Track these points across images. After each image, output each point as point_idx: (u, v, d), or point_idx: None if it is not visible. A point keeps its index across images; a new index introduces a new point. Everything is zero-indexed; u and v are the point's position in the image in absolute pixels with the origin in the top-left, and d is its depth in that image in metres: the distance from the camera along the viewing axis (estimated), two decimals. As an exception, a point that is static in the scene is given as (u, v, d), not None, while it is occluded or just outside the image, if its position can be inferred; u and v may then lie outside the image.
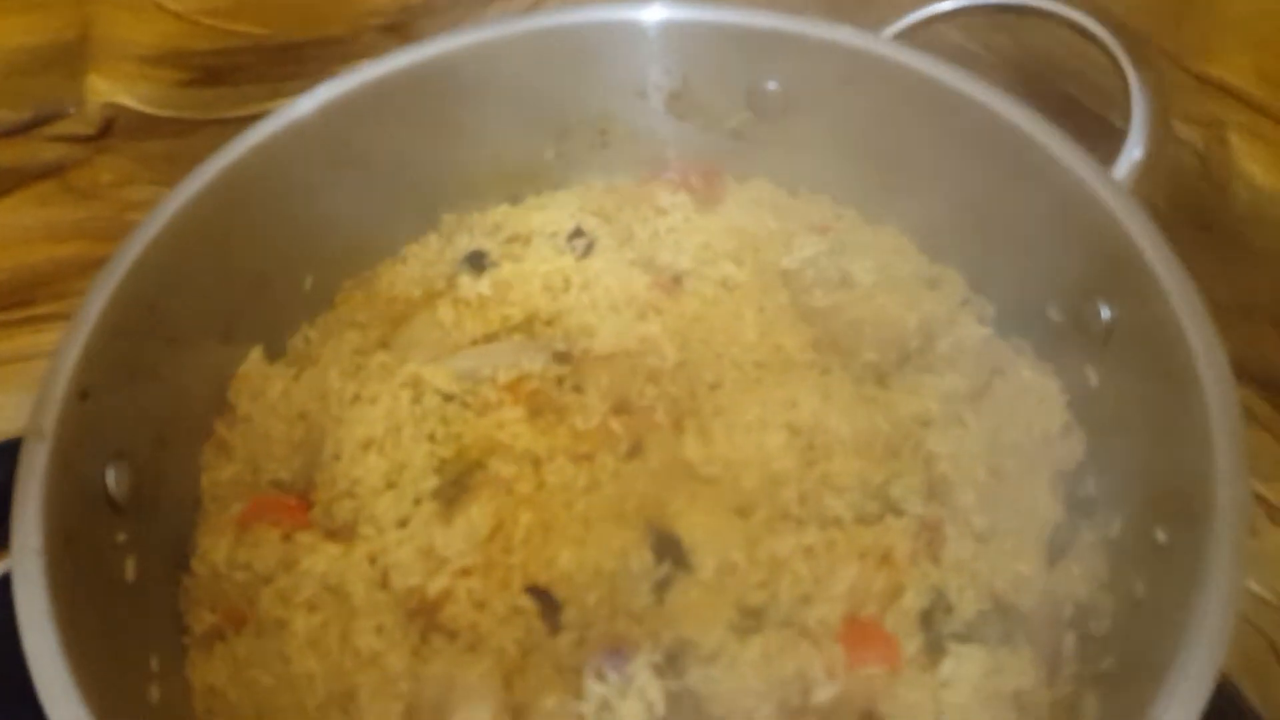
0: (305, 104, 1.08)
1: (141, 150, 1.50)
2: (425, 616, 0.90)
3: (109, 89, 1.40)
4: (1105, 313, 0.93)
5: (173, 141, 1.50)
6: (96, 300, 0.91)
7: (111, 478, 0.88)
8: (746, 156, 1.23)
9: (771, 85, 1.16)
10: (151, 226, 0.98)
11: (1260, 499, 1.12)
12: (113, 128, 1.50)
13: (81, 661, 0.72)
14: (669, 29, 1.16)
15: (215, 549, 0.96)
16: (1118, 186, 0.95)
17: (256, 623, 0.91)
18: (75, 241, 1.48)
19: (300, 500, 0.99)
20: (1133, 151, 1.02)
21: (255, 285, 1.08)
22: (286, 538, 0.95)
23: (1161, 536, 0.82)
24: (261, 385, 1.07)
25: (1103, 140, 1.04)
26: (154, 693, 0.82)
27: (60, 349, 0.88)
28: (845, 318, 1.06)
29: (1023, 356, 1.04)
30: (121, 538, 0.87)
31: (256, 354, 1.09)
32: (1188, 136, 1.13)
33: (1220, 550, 0.72)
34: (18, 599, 0.73)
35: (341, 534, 0.95)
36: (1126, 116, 1.03)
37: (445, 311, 1.13)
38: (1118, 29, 1.03)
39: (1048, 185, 0.98)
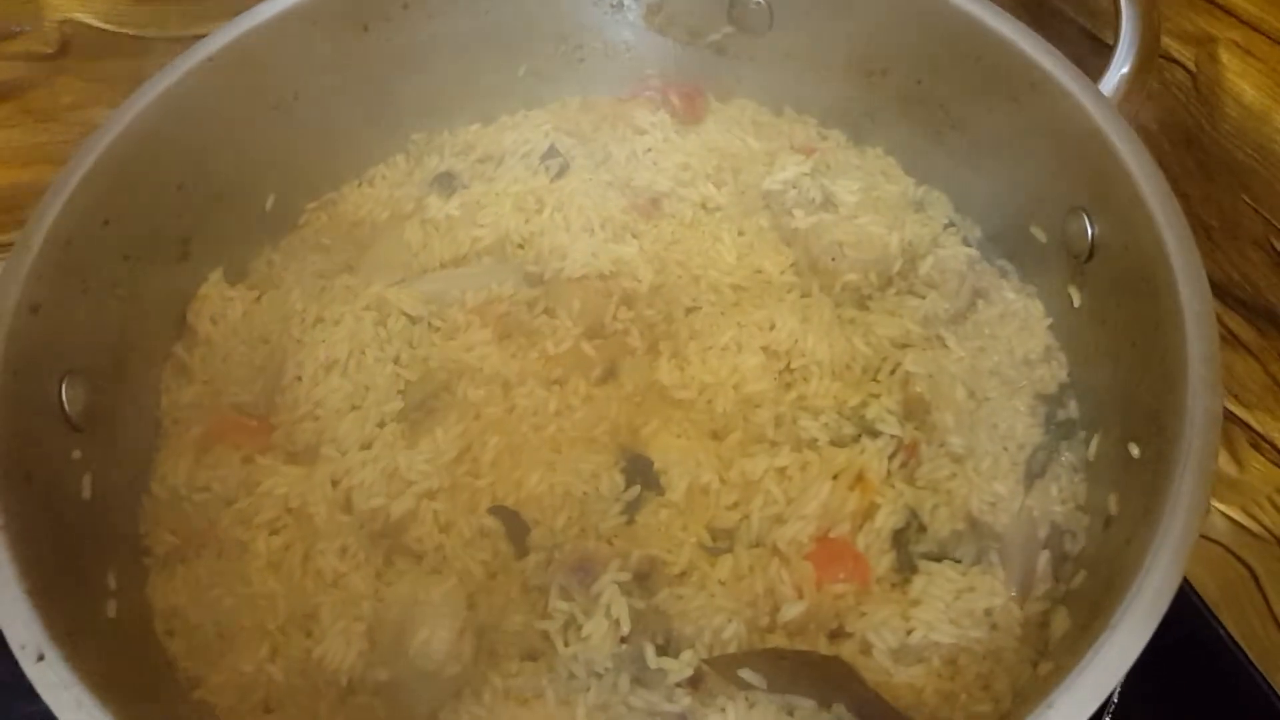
0: (258, 15, 1.03)
1: (100, 70, 1.45)
2: (389, 538, 0.88)
3: (65, 4, 1.34)
4: (1089, 229, 0.91)
5: (132, 61, 1.44)
6: (48, 212, 0.88)
7: (66, 394, 0.85)
8: (729, 74, 1.19)
9: (755, -3, 1.12)
10: (104, 138, 0.93)
11: (1244, 425, 1.10)
12: (70, 46, 1.45)
13: (31, 570, 0.70)
14: (647, -65, 1.12)
15: (175, 471, 0.93)
16: (1105, 101, 0.92)
17: (217, 544, 0.89)
18: (36, 166, 1.43)
19: (261, 423, 0.96)
20: (1121, 67, 0.98)
21: (213, 203, 1.04)
22: (247, 460, 0.93)
23: (1135, 451, 0.80)
24: (222, 307, 1.04)
25: (1092, 57, 1.01)
26: (111, 608, 0.80)
27: (10, 261, 0.84)
28: (826, 239, 1.03)
29: (1007, 279, 1.02)
30: (77, 455, 0.85)
31: (217, 275, 1.06)
32: (1178, 53, 1.09)
33: (1188, 460, 0.70)
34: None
35: (303, 456, 0.93)
36: (1117, 32, 0.99)
37: (413, 233, 1.10)
38: (1110, -62, 0.99)
39: (1036, 101, 0.95)
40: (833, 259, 1.03)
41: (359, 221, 1.15)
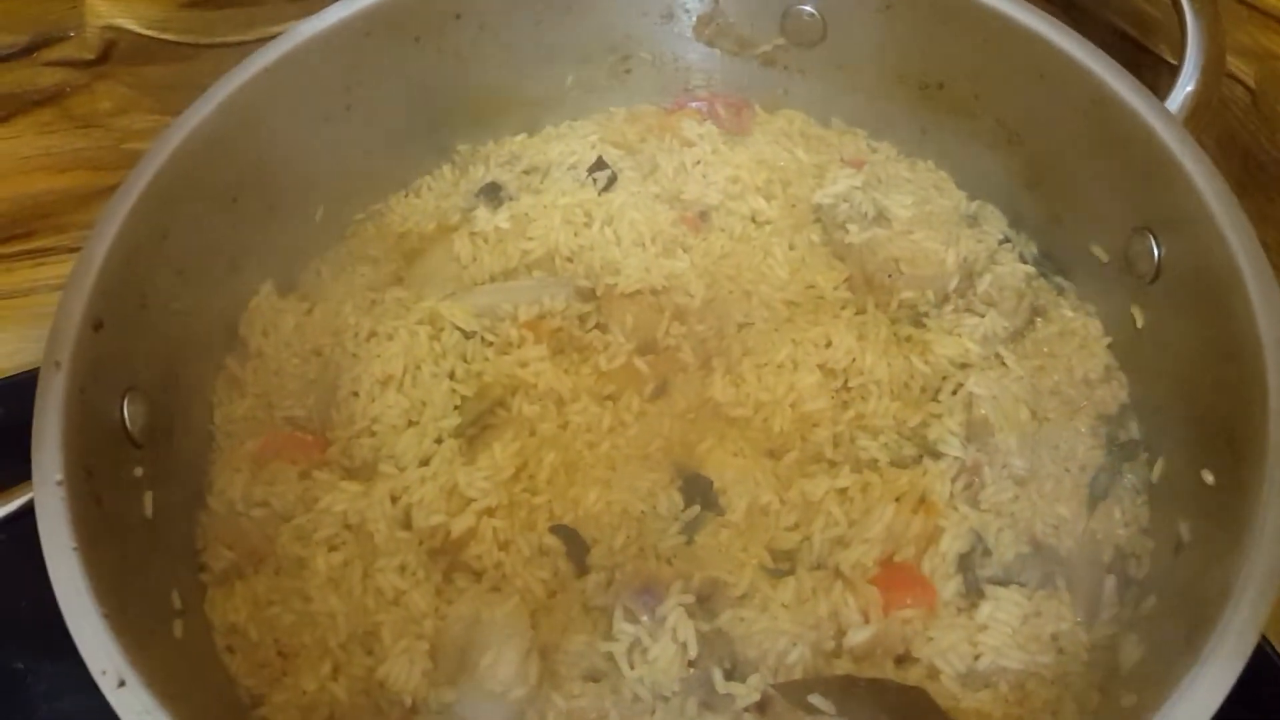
0: (313, 26, 1.02)
1: (142, 77, 1.45)
2: (449, 556, 0.88)
3: (109, 11, 1.34)
4: (1155, 250, 0.90)
5: (174, 67, 1.44)
6: (109, 227, 0.87)
7: (127, 411, 0.85)
8: (776, 85, 1.18)
9: (808, 9, 1.11)
10: (161, 152, 0.93)
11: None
12: (113, 52, 1.45)
13: (106, 595, 0.70)
14: (700, -54, 1.11)
15: (231, 486, 0.93)
16: (1173, 119, 0.91)
17: (276, 561, 0.89)
18: (75, 172, 1.43)
19: (317, 438, 0.96)
20: (1187, 84, 0.97)
21: (265, 215, 1.04)
22: (304, 475, 0.93)
23: (1209, 478, 0.80)
24: (274, 320, 1.04)
25: (1148, 73, 1.00)
26: (178, 628, 0.80)
27: (73, 278, 0.84)
28: (881, 255, 1.02)
29: (1065, 297, 1.01)
30: (139, 472, 0.85)
31: (268, 288, 1.06)
32: (1238, 70, 1.08)
33: (1273, 490, 0.70)
34: (42, 531, 0.70)
35: (361, 472, 0.93)
36: (1177, 49, 0.98)
37: (462, 246, 1.09)
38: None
39: (1099, 117, 0.94)
40: (889, 275, 1.02)
41: (406, 233, 1.14)
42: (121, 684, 0.63)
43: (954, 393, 0.93)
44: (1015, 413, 0.91)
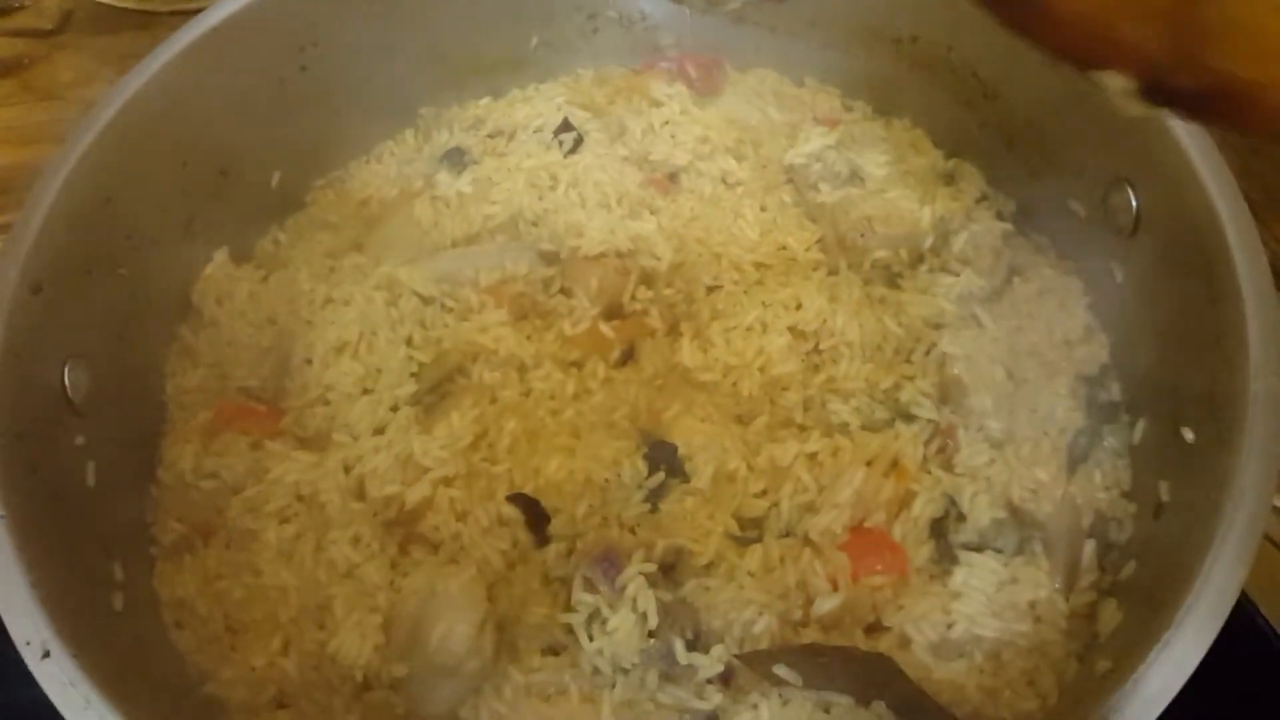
0: (264, -17, 0.99)
1: (102, 47, 1.41)
2: (404, 527, 0.85)
3: (63, -22, 1.31)
4: (1133, 202, 0.86)
5: (134, 36, 1.41)
6: (48, 190, 0.84)
7: (69, 378, 0.82)
8: (747, 43, 1.14)
9: (775, -40, 1.07)
10: (104, 114, 0.90)
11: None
12: (71, 21, 1.42)
13: (35, 563, 0.67)
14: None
15: (182, 457, 0.90)
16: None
17: (226, 533, 0.86)
18: (37, 145, 1.39)
19: (270, 407, 0.93)
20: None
21: (217, 181, 1.00)
22: (256, 446, 0.90)
23: (1189, 435, 0.77)
24: (228, 288, 1.00)
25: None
26: (118, 600, 0.77)
27: (10, 240, 0.81)
28: (854, 215, 0.99)
29: (1043, 255, 0.98)
30: (80, 441, 0.82)
31: (222, 256, 1.02)
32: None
33: (1253, 446, 0.67)
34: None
35: (314, 442, 0.90)
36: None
37: (423, 211, 1.05)
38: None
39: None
40: (861, 235, 0.98)
41: (367, 199, 1.11)
42: (46, 655, 0.61)
43: (927, 354, 0.90)
44: (991, 373, 0.88)
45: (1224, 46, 0.44)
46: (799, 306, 0.94)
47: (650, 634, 0.75)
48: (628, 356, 0.96)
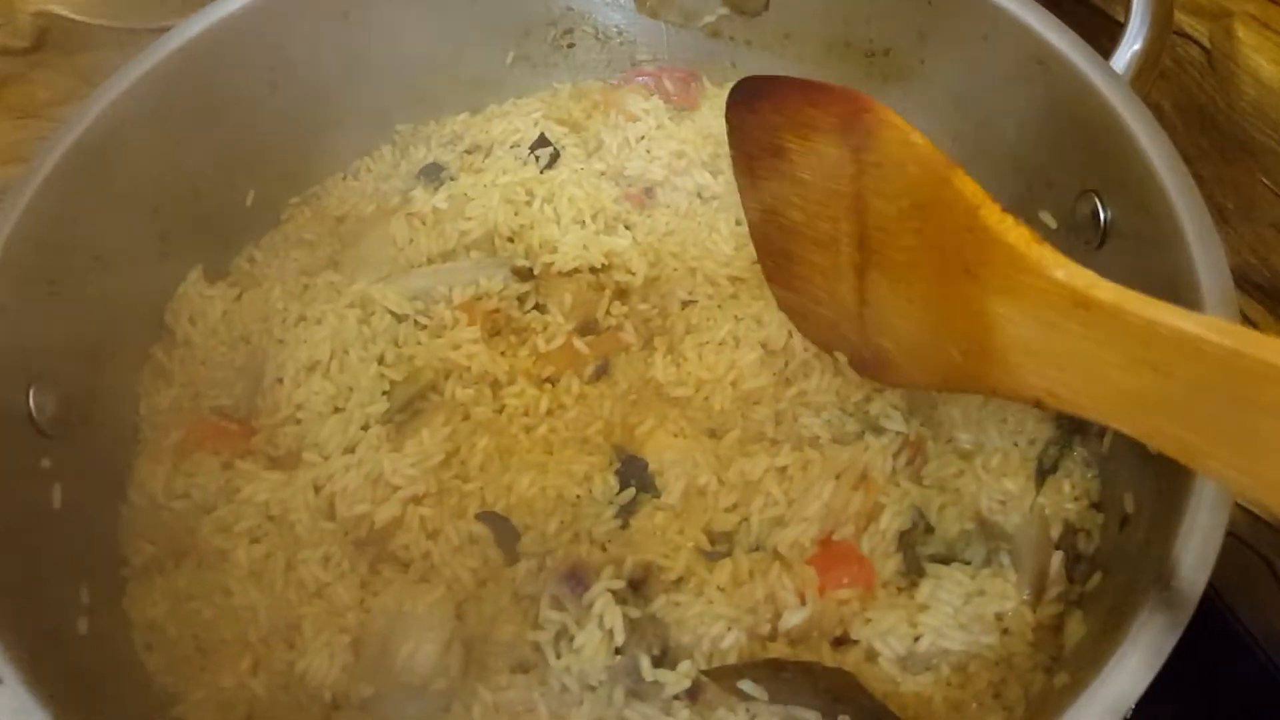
0: (237, 1, 0.99)
1: (78, 64, 1.41)
2: (374, 546, 0.85)
3: (39, -4, 1.31)
4: (1101, 213, 0.87)
5: (112, 54, 1.40)
6: (11, 211, 0.84)
7: (34, 400, 0.82)
8: (724, 57, 1.15)
9: (747, -24, 1.08)
10: (70, 133, 0.90)
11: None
12: (46, 39, 1.41)
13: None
14: (637, -87, 1.08)
15: (153, 477, 0.90)
16: (1118, 78, 0.88)
17: (197, 554, 0.86)
18: (13, 165, 1.40)
19: (242, 427, 0.93)
20: (1134, 43, 0.94)
21: (190, 200, 1.00)
22: (227, 466, 0.90)
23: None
24: (201, 307, 1.00)
25: (1103, 35, 0.96)
26: (82, 625, 0.77)
27: (-32, 263, 0.81)
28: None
29: (1013, 266, 0.98)
30: (46, 463, 0.82)
31: (196, 274, 1.02)
32: (1192, 29, 1.05)
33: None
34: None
35: (285, 461, 0.90)
36: (1128, 6, 0.95)
37: (398, 228, 1.05)
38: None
39: (1045, 78, 0.91)
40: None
41: (344, 216, 1.11)
42: None
43: (897, 366, 0.90)
44: (960, 385, 0.88)
45: (878, 331, 0.79)
46: (771, 321, 0.94)
47: (617, 650, 0.75)
48: (601, 372, 0.96)
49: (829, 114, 0.74)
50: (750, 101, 0.82)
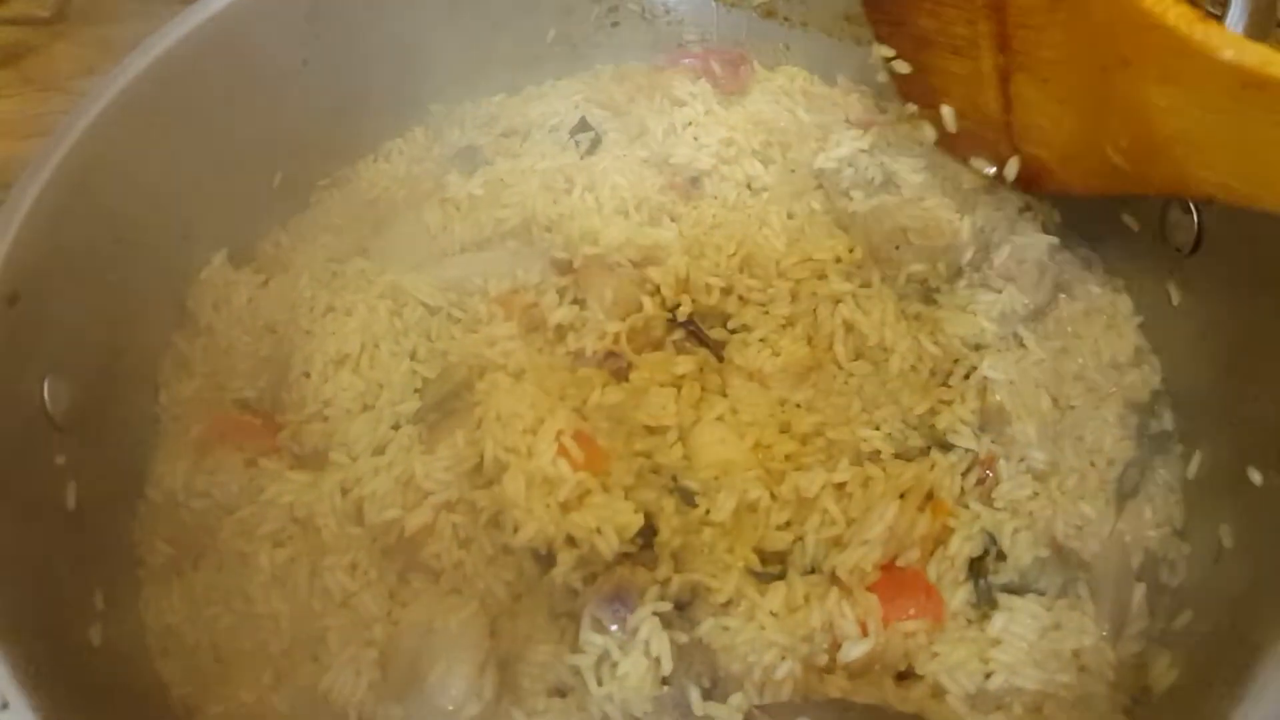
0: (264, -28, 0.94)
1: (102, 36, 1.36)
2: (404, 554, 0.80)
3: (61, -35, 1.26)
4: (1194, 218, 0.80)
5: (136, 25, 1.35)
6: (27, 191, 0.79)
7: (49, 393, 0.77)
8: (777, 39, 1.09)
9: (808, -48, 1.01)
10: (91, 108, 0.85)
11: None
12: (69, 9, 1.37)
13: (4, 600, 0.63)
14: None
15: (172, 474, 0.86)
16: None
17: (217, 556, 0.82)
18: (35, 139, 1.35)
19: (266, 422, 0.88)
20: (1234, 28, 0.87)
21: (215, 179, 0.95)
22: (250, 463, 0.85)
23: (1257, 478, 0.70)
24: (226, 293, 0.95)
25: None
26: (96, 634, 0.73)
27: (-17, 247, 0.76)
28: (888, 225, 0.93)
29: (1091, 270, 0.91)
30: (61, 460, 0.77)
31: (220, 258, 0.97)
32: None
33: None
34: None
35: (311, 461, 0.85)
36: (1224, -4, 0.88)
37: (432, 214, 1.00)
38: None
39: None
40: (896, 246, 0.92)
41: (374, 200, 1.06)
42: (4, 705, 0.56)
43: (967, 377, 0.84)
44: (1035, 400, 0.82)
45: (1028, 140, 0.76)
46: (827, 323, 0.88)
47: (664, 680, 0.70)
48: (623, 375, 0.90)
49: None
50: None
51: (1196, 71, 0.57)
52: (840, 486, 0.79)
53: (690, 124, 1.05)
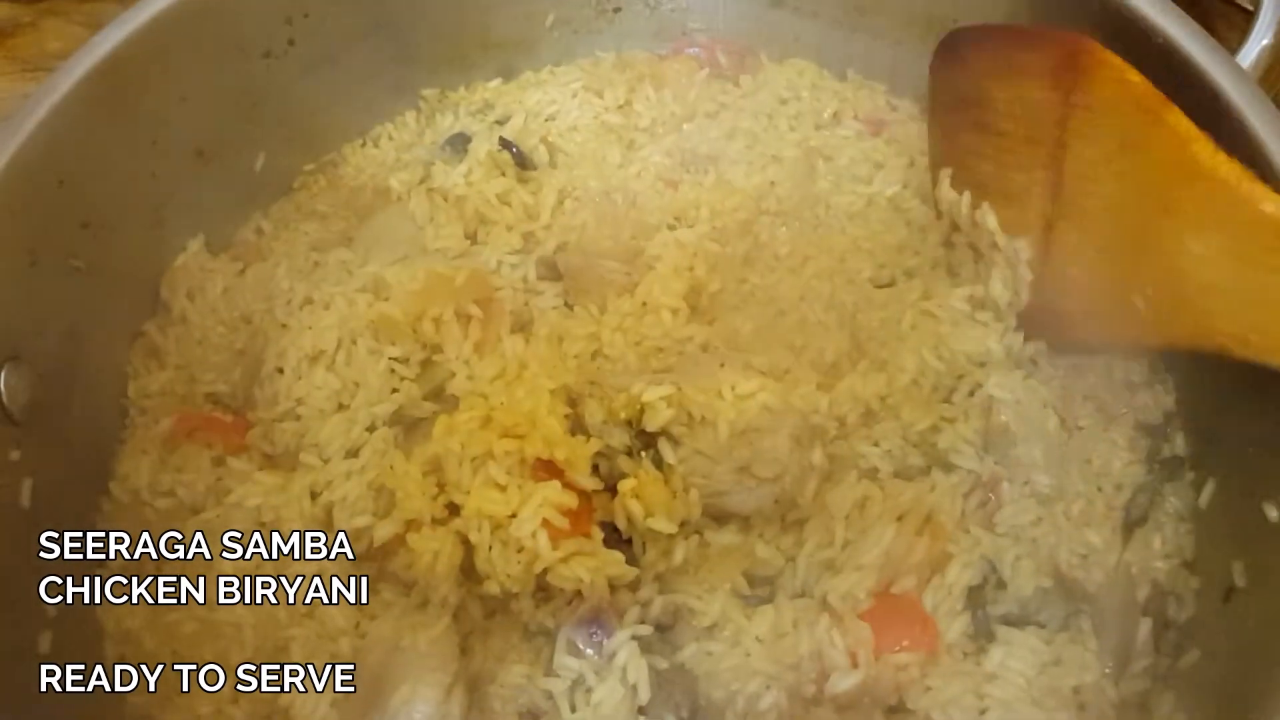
0: (247, -54, 0.89)
1: (90, 13, 1.32)
2: (374, 564, 0.76)
3: (47, -67, 1.22)
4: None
5: (126, 1, 1.32)
6: (-16, 174, 0.75)
7: (5, 383, 0.73)
8: (785, 30, 1.04)
9: (820, -65, 0.97)
10: (58, 87, 0.80)
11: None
12: (59, -15, 1.33)
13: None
14: None
15: (137, 471, 0.82)
16: (1245, 75, 0.77)
17: (180, 559, 0.78)
18: (20, 116, 1.32)
19: (237, 418, 0.85)
20: (1263, 37, 0.83)
21: (192, 162, 0.92)
22: (219, 462, 0.82)
23: (1273, 514, 0.66)
24: (201, 281, 0.92)
25: (1224, 24, 0.85)
26: (45, 641, 0.69)
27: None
28: (892, 225, 0.89)
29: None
30: (15, 455, 0.73)
31: (196, 245, 0.94)
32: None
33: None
34: None
35: (281, 461, 0.81)
36: (1256, -1, 0.84)
37: (419, 204, 0.96)
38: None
39: (1161, 73, 0.79)
40: (897, 249, 0.88)
41: (360, 187, 1.02)
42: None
43: (971, 394, 0.80)
44: (1042, 420, 0.78)
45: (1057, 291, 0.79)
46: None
47: (641, 710, 0.66)
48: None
49: (1043, 56, 0.72)
50: (958, 50, 0.81)
51: (1237, 222, 0.62)
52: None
53: (691, 116, 1.01)
